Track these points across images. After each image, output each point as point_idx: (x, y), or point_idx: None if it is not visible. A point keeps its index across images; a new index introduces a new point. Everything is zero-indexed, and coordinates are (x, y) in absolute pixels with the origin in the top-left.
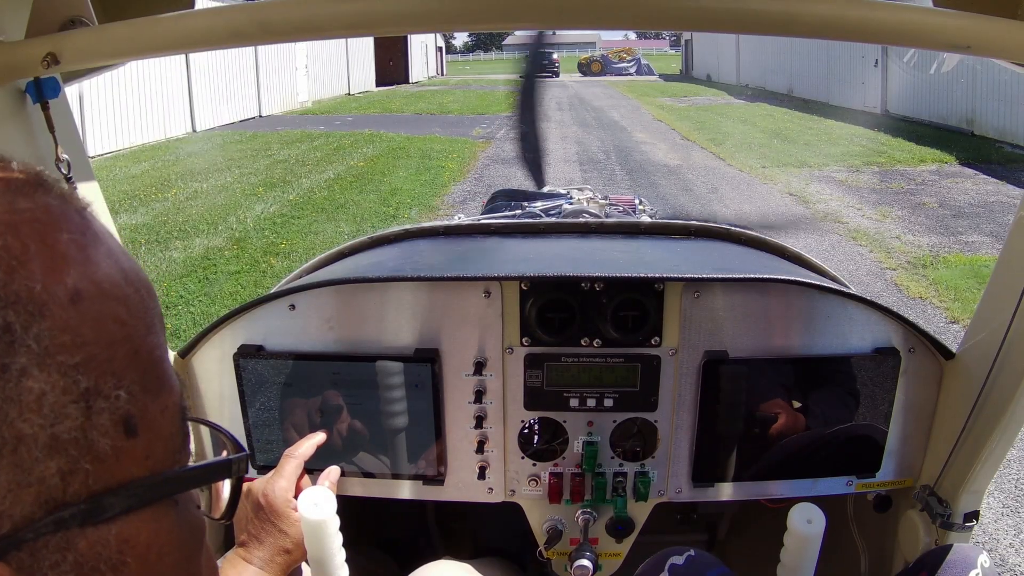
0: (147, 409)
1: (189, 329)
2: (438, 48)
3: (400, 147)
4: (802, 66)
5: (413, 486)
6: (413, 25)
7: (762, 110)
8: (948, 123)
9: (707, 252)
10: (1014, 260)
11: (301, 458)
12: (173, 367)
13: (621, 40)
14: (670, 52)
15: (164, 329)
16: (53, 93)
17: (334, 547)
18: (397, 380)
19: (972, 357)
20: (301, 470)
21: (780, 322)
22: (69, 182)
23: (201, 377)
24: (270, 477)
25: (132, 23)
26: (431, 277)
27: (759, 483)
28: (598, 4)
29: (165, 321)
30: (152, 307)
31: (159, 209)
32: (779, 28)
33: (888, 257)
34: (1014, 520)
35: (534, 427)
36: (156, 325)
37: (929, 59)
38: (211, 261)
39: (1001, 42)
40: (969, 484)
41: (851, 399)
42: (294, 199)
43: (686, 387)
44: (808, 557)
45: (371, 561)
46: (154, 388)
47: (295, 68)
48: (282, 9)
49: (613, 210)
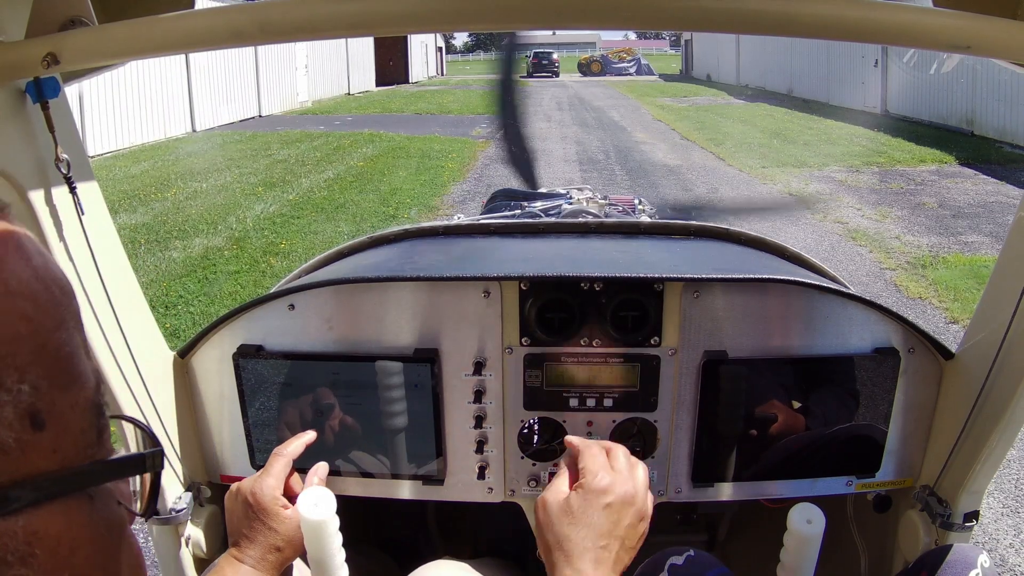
0: (55, 403)
1: (189, 329)
2: (438, 48)
3: (400, 147)
4: (802, 66)
5: (413, 486)
6: (413, 25)
7: (762, 110)
8: (948, 123)
9: (707, 252)
10: (1014, 260)
11: (289, 456)
12: (86, 363)
13: (621, 40)
14: (670, 52)
15: (80, 326)
16: (53, 93)
17: (334, 547)
18: (397, 380)
19: (972, 357)
20: (290, 468)
21: (780, 322)
22: (69, 182)
23: (201, 377)
24: (258, 476)
25: (132, 23)
26: (431, 277)
27: (759, 483)
28: (598, 4)
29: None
30: (65, 304)
31: (159, 209)
32: (779, 28)
33: (888, 257)
34: (1014, 520)
35: (534, 427)
36: (68, 322)
37: (929, 59)
38: (211, 261)
39: (1001, 42)
40: (969, 484)
41: (851, 399)
42: (294, 199)
43: (686, 387)
44: (808, 557)
45: (371, 561)
46: (63, 383)
47: (295, 68)
48: (282, 9)
49: (613, 210)
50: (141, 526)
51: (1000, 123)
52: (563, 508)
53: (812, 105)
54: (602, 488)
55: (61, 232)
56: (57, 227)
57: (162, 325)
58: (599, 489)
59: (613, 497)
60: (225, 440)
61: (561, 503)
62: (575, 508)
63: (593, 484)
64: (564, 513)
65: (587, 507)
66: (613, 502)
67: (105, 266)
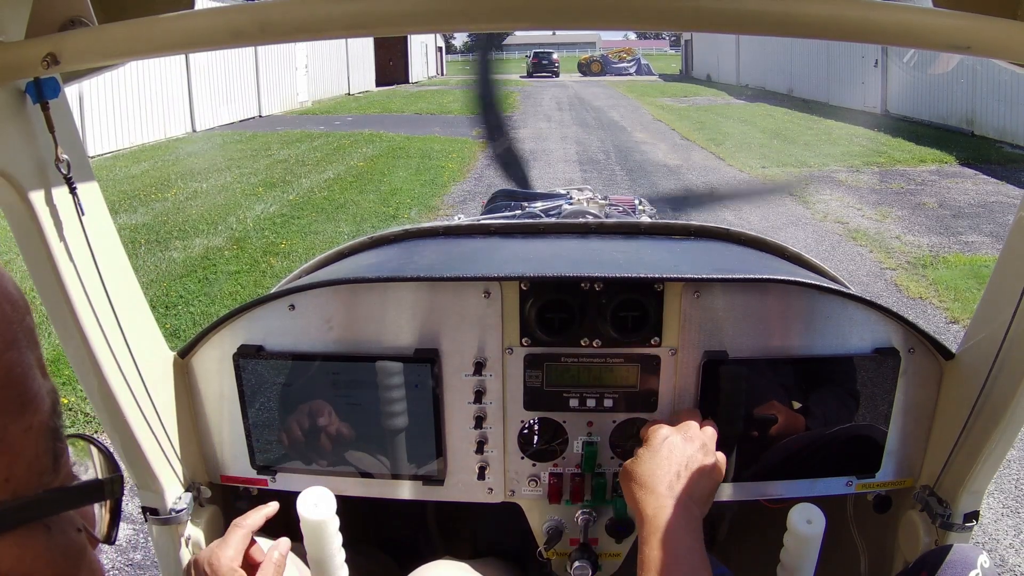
0: (7, 429)
1: (189, 329)
2: (438, 48)
3: (400, 147)
4: (802, 66)
5: (413, 486)
6: (413, 25)
7: (762, 110)
8: (948, 123)
9: (707, 252)
10: (1014, 260)
11: (249, 528)
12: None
13: (621, 40)
14: (670, 52)
15: (36, 344)
16: (53, 93)
17: (334, 547)
18: (397, 380)
19: (972, 357)
20: (249, 539)
21: (780, 322)
22: (69, 182)
23: (201, 377)
24: (216, 546)
25: (132, 23)
26: (431, 277)
27: (759, 483)
28: (598, 4)
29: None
30: (17, 321)
31: (159, 209)
32: (779, 28)
33: (888, 257)
34: (1014, 520)
35: (534, 427)
36: (20, 341)
37: (929, 59)
38: (211, 261)
39: (1001, 42)
40: (969, 484)
41: (851, 399)
42: (294, 199)
43: (686, 387)
44: (808, 557)
45: (371, 561)
46: (15, 407)
47: (295, 68)
48: (282, 9)
49: (613, 210)
50: (141, 526)
51: (1000, 123)
52: (634, 460)
53: (812, 105)
54: (661, 435)
55: (61, 232)
56: (57, 227)
57: (162, 325)
58: (658, 435)
59: (671, 436)
60: (225, 440)
61: (633, 459)
62: (642, 455)
63: (652, 434)
64: (635, 463)
65: (651, 450)
66: (673, 441)
67: (105, 266)
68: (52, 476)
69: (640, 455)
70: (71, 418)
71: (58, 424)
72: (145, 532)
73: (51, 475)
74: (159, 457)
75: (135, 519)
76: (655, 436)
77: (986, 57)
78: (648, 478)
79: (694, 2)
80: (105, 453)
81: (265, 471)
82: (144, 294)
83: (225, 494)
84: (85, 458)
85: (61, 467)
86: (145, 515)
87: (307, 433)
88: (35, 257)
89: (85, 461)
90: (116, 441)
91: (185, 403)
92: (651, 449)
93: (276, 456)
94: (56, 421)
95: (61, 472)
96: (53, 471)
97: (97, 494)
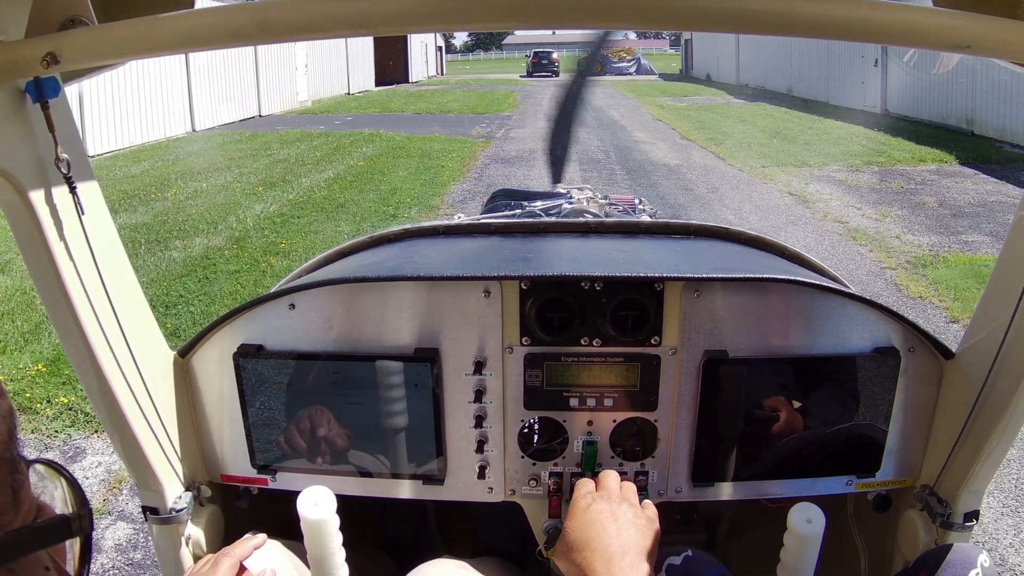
0: None
1: (189, 329)
2: (438, 48)
3: (400, 146)
4: (802, 66)
5: (413, 486)
6: (413, 25)
7: (762, 110)
8: (948, 123)
9: (707, 252)
10: (1014, 260)
11: (237, 558)
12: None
13: (621, 40)
14: (670, 52)
15: None
16: (53, 93)
17: (334, 547)
18: (397, 380)
19: (972, 357)
20: (237, 569)
21: (780, 322)
22: (69, 182)
23: (201, 377)
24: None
25: (132, 23)
26: (431, 277)
27: (759, 483)
28: (598, 4)
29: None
30: None
31: (159, 209)
32: (779, 28)
33: (888, 257)
34: (1014, 520)
35: (534, 427)
36: None
37: (929, 59)
38: (211, 261)
39: (1001, 42)
40: (969, 484)
41: (851, 399)
42: (294, 198)
43: (686, 387)
44: (808, 557)
45: (371, 561)
46: None
47: (295, 68)
48: (282, 9)
49: (613, 210)
50: (141, 525)
51: (1000, 123)
52: (564, 533)
53: (812, 105)
54: (584, 502)
55: (61, 232)
56: (57, 227)
57: (162, 325)
58: (582, 503)
59: (594, 502)
60: (225, 440)
61: (562, 534)
62: (570, 526)
63: (574, 504)
64: (566, 535)
65: (578, 518)
66: (599, 507)
67: (105, 266)
68: (12, 515)
69: (568, 527)
70: (71, 418)
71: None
72: (145, 532)
73: (11, 513)
74: (159, 456)
75: (135, 518)
76: (578, 504)
77: (986, 56)
78: (588, 541)
79: (694, 2)
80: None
81: (265, 470)
82: (144, 293)
83: (225, 493)
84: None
85: (21, 501)
86: (145, 514)
87: (307, 432)
88: (35, 257)
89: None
90: (116, 440)
91: (185, 402)
92: (578, 517)
93: (276, 455)
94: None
95: (22, 508)
96: (13, 509)
97: (64, 532)
